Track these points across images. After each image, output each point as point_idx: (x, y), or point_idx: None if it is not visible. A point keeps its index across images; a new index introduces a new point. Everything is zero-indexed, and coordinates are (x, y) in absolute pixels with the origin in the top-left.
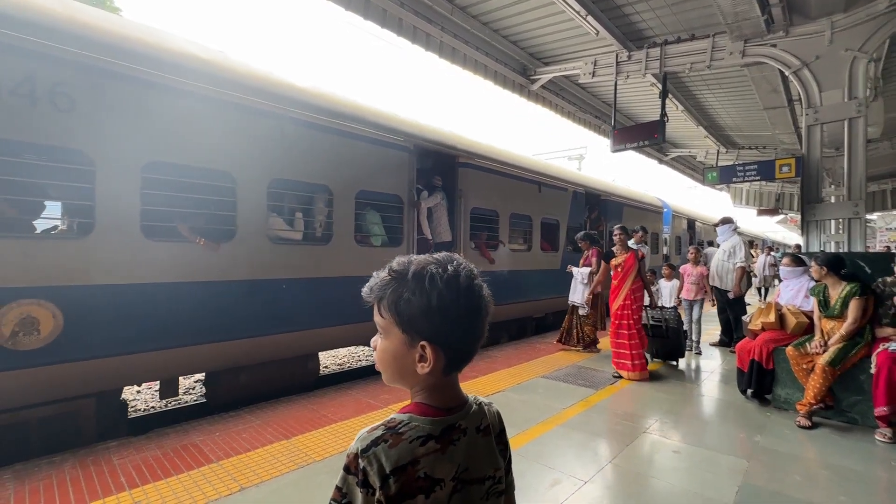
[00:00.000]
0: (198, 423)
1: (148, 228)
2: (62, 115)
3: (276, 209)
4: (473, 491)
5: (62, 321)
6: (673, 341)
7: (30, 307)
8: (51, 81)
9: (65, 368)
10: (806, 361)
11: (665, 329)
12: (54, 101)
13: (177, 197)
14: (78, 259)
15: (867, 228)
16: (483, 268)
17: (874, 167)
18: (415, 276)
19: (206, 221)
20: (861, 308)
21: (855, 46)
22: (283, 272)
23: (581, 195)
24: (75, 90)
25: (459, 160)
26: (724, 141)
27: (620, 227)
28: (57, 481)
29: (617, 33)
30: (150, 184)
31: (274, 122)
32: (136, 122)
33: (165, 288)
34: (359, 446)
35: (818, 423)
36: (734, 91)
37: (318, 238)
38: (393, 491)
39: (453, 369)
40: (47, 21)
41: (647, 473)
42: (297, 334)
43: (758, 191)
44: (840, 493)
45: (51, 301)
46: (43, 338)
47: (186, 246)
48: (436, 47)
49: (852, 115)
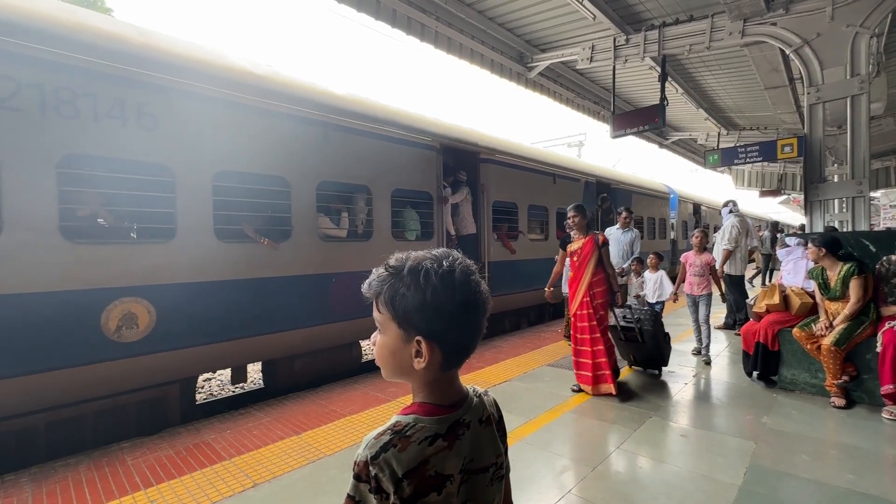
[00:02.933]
0: (209, 422)
1: (220, 231)
2: (147, 133)
3: (324, 209)
4: (479, 480)
5: (155, 316)
6: (650, 347)
7: (130, 304)
8: (137, 103)
9: (158, 358)
10: (812, 341)
11: (639, 332)
12: (140, 121)
13: (242, 202)
14: (164, 261)
15: (871, 206)
16: (505, 258)
17: (878, 144)
18: (410, 272)
19: (267, 223)
20: (862, 287)
21: (856, 22)
22: (331, 267)
23: (592, 185)
24: (157, 110)
25: (481, 156)
26: (724, 123)
27: (575, 206)
28: (73, 482)
29: (614, 17)
30: (221, 191)
31: (319, 129)
32: (207, 136)
33: (236, 284)
34: (368, 453)
35: (823, 402)
36: (734, 72)
37: (361, 235)
38: (407, 493)
39: (452, 365)
40: (136, 50)
41: (656, 458)
42: (344, 324)
43: (760, 172)
44: (847, 472)
45: (145, 298)
46: (141, 331)
47: (252, 246)
48: (431, 38)
49: (855, 92)
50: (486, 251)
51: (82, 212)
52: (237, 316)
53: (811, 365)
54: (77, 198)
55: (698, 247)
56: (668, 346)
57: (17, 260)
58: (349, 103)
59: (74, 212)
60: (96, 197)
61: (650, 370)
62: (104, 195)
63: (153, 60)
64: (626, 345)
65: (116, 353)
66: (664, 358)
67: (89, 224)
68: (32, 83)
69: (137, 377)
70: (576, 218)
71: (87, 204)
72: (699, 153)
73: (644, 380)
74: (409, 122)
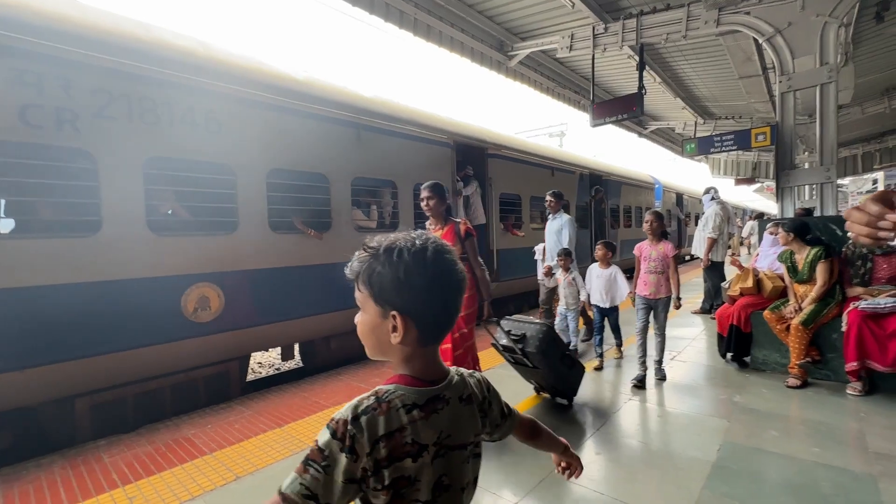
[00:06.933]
0: (188, 417)
1: (274, 223)
2: (213, 136)
3: (357, 203)
4: (455, 456)
5: (224, 299)
6: (544, 372)
7: (204, 288)
8: (206, 109)
9: (225, 337)
10: (781, 323)
11: (522, 352)
12: (207, 126)
13: (291, 196)
14: (229, 250)
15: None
16: (512, 244)
17: (846, 133)
18: (385, 251)
19: (311, 216)
20: (828, 270)
21: (825, 12)
22: None
23: (586, 176)
24: (220, 116)
25: (488, 151)
26: (701, 112)
27: (430, 184)
28: (47, 483)
29: (593, 5)
30: (273, 187)
31: (353, 130)
32: (262, 138)
33: (286, 270)
34: (349, 414)
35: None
36: (710, 61)
37: (388, 225)
38: (382, 454)
39: (429, 340)
40: (203, 63)
41: (634, 437)
42: None
43: (735, 160)
44: (813, 445)
45: (215, 283)
46: (212, 312)
47: (299, 236)
48: (410, 25)
49: (824, 81)
50: (494, 239)
51: (163, 208)
52: (288, 299)
53: (781, 346)
54: (160, 195)
55: (654, 234)
56: (573, 371)
57: (116, 251)
58: (378, 105)
59: (157, 208)
60: (174, 194)
61: (559, 398)
62: (181, 193)
63: (215, 71)
64: (517, 368)
65: (194, 332)
66: (570, 385)
67: (169, 218)
68: (122, 94)
69: (209, 354)
70: (431, 200)
71: (168, 201)
72: (677, 142)
73: (552, 413)
74: (428, 121)
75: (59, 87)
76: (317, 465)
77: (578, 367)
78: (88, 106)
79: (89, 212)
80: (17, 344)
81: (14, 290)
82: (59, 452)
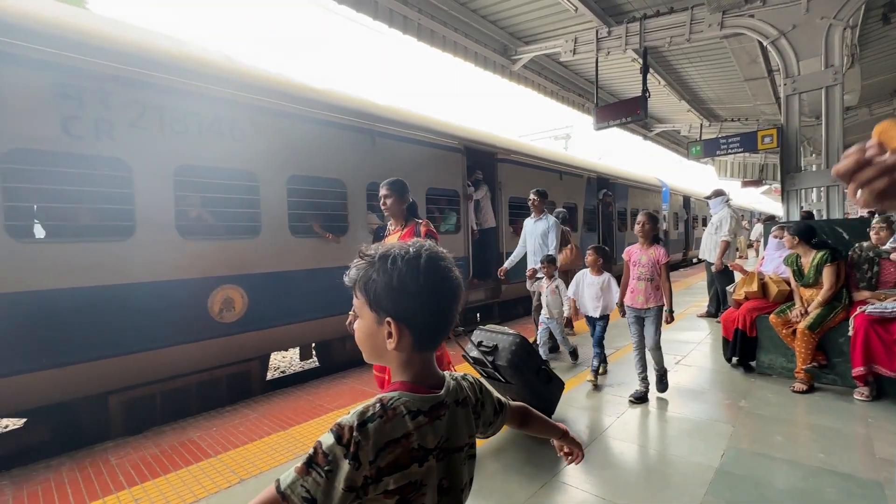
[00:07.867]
0: (194, 420)
1: (293, 228)
2: (237, 143)
3: (372, 207)
4: (454, 458)
5: (247, 300)
6: (517, 388)
7: (228, 290)
8: (231, 119)
9: (248, 336)
10: (787, 327)
11: (493, 365)
12: (233, 135)
13: (309, 202)
14: (251, 253)
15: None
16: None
17: (852, 135)
18: (380, 258)
19: (328, 220)
20: (834, 274)
21: (830, 14)
22: None
23: (594, 180)
24: (244, 124)
25: (498, 156)
26: (706, 114)
27: (389, 182)
28: (55, 484)
29: (596, 9)
30: (292, 192)
31: (368, 136)
32: (282, 145)
33: (305, 273)
34: (355, 420)
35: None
36: (715, 63)
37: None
38: (388, 462)
39: (424, 346)
40: (229, 75)
41: (637, 442)
42: None
43: (742, 162)
44: (819, 451)
45: (239, 285)
46: (236, 313)
47: (317, 240)
48: (414, 30)
49: (829, 84)
50: (504, 242)
51: (192, 213)
52: (306, 301)
53: (787, 350)
54: (188, 201)
55: (645, 236)
56: (549, 386)
57: (149, 255)
58: (392, 113)
59: (186, 213)
60: (202, 200)
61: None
62: (208, 199)
63: (240, 83)
64: (491, 383)
65: (220, 332)
66: (547, 402)
67: (197, 223)
68: (153, 105)
69: (233, 353)
70: (388, 199)
71: (195, 206)
72: (682, 144)
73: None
74: (440, 127)
75: (97, 99)
76: (319, 469)
77: (556, 381)
78: (124, 117)
79: (125, 217)
80: (60, 343)
81: (57, 292)
82: (66, 454)
